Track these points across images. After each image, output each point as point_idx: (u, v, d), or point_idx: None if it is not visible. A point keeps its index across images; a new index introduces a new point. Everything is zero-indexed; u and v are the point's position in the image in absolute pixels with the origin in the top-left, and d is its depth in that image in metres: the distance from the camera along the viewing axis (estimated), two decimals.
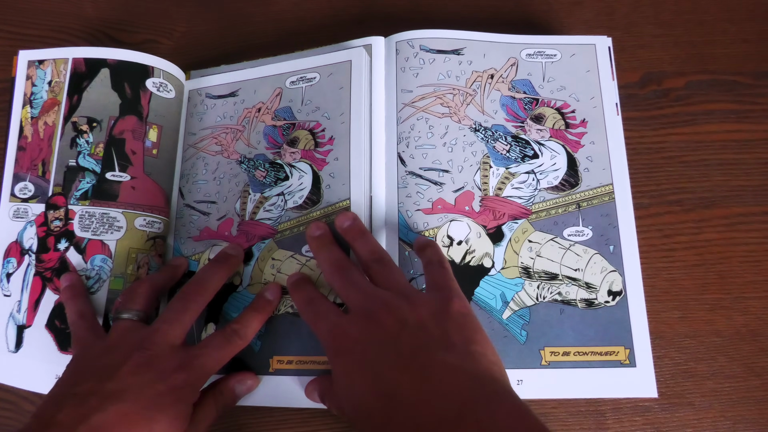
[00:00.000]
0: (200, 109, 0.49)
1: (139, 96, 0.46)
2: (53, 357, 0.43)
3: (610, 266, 0.43)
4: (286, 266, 0.44)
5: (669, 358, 0.46)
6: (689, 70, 0.53)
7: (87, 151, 0.45)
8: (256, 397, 0.42)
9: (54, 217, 0.45)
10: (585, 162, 0.46)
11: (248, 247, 0.45)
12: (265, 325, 0.42)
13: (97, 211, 0.44)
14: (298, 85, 0.47)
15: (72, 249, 0.44)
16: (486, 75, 0.48)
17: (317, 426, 0.45)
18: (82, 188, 0.45)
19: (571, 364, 0.42)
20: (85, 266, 0.44)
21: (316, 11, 0.56)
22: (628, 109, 0.51)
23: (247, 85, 0.49)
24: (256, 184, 0.46)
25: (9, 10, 0.56)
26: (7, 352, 0.44)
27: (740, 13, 0.54)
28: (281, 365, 0.42)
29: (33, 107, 0.47)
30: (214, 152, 0.48)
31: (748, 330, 0.46)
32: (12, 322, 0.44)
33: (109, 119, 0.46)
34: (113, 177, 0.45)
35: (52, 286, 0.44)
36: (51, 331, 0.43)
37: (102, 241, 0.44)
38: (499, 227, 0.45)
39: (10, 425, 0.45)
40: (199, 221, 0.47)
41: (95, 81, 0.46)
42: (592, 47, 0.48)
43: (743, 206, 0.49)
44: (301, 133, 0.46)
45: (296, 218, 0.44)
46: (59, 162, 0.45)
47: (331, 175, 0.44)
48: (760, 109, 0.51)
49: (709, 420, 0.44)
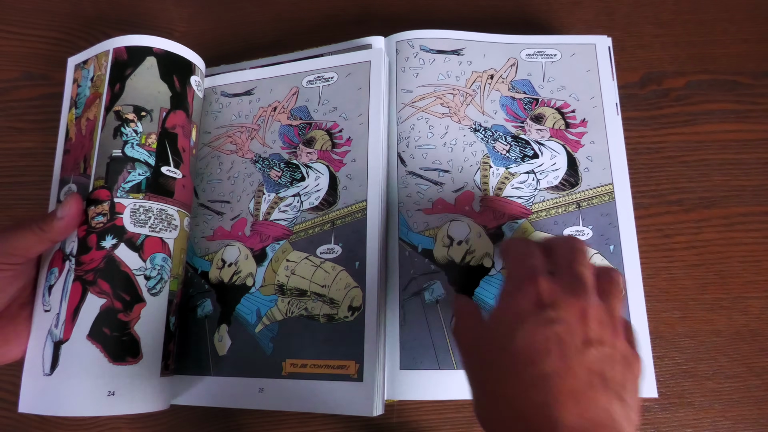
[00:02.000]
0: (215, 107, 0.49)
1: (186, 91, 0.44)
2: (101, 371, 0.37)
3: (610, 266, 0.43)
4: (301, 268, 0.43)
5: (669, 358, 0.46)
6: (689, 70, 0.53)
7: (136, 141, 0.41)
8: (269, 401, 0.40)
9: (96, 212, 0.40)
10: (585, 162, 0.46)
11: (262, 248, 0.44)
12: (278, 328, 0.42)
13: (154, 206, 0.41)
14: (315, 84, 0.47)
15: (123, 246, 0.39)
16: (486, 75, 0.48)
17: (317, 426, 0.45)
18: (132, 180, 0.41)
19: None
20: (143, 265, 0.40)
21: (315, 11, 0.56)
22: (628, 109, 0.51)
23: (263, 84, 0.48)
24: (271, 184, 0.46)
25: (9, 10, 0.56)
26: (41, 377, 0.38)
27: (740, 13, 0.54)
28: (294, 368, 0.41)
29: (77, 107, 0.45)
30: (228, 151, 0.48)
31: (748, 330, 0.46)
32: (50, 340, 0.38)
33: (160, 110, 0.42)
34: (169, 172, 0.42)
35: (96, 290, 0.38)
36: (96, 342, 0.38)
37: (162, 239, 0.41)
38: (499, 227, 0.45)
39: (10, 425, 0.45)
40: (212, 221, 0.46)
41: (141, 69, 0.43)
42: (592, 47, 0.48)
43: (743, 206, 0.49)
44: (318, 133, 0.46)
45: (312, 219, 0.44)
46: (101, 154, 0.41)
47: (348, 176, 0.44)
48: (760, 109, 0.51)
49: (709, 420, 0.44)
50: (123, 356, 0.38)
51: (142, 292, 0.40)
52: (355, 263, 0.42)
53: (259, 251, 0.44)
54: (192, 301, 0.45)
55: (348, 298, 0.41)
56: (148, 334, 0.39)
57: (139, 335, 0.39)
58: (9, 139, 0.52)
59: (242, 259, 0.44)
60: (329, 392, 0.39)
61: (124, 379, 0.38)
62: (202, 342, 0.43)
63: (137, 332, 0.39)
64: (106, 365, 0.37)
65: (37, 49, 0.54)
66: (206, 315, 0.44)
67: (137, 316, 0.39)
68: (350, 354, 0.39)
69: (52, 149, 0.52)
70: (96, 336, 0.38)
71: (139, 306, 0.39)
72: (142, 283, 0.40)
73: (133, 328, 0.39)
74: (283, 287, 0.43)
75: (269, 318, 0.42)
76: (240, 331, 0.43)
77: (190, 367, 0.43)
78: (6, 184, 0.51)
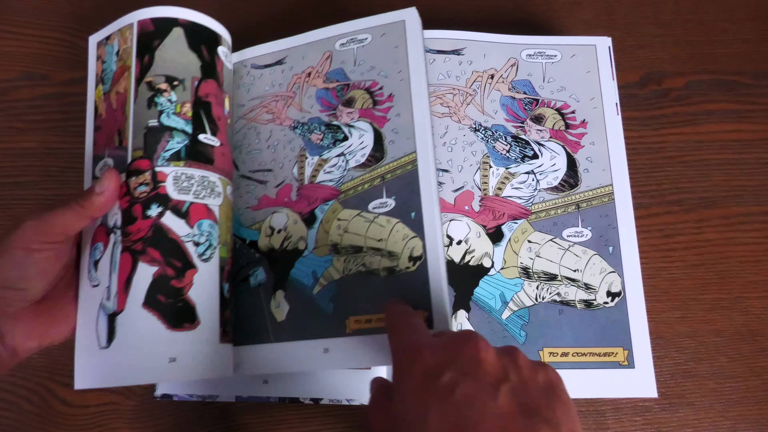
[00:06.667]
0: (247, 80, 0.49)
1: (215, 61, 0.44)
2: (160, 338, 0.38)
3: (609, 267, 0.43)
4: (354, 225, 0.43)
5: (669, 358, 0.46)
6: (689, 70, 0.53)
7: (171, 110, 0.41)
8: (335, 360, 0.40)
9: (138, 182, 0.40)
10: (585, 163, 0.46)
11: (311, 211, 0.44)
12: (336, 287, 0.42)
13: (195, 173, 0.41)
14: (349, 46, 0.47)
15: (169, 213, 0.39)
16: (486, 75, 0.48)
17: (317, 426, 0.45)
18: (171, 149, 0.41)
19: (569, 364, 0.42)
20: (191, 231, 0.40)
21: (314, 11, 0.56)
22: (628, 109, 0.51)
23: (293, 52, 0.48)
24: (312, 148, 0.46)
25: (9, 10, 0.56)
26: (98, 350, 0.38)
27: (740, 13, 0.54)
28: (359, 325, 0.41)
29: (104, 83, 0.44)
30: (265, 121, 0.48)
31: (748, 330, 0.46)
32: (102, 313, 0.39)
33: (192, 80, 0.43)
34: (206, 140, 0.42)
35: (146, 258, 0.39)
36: (153, 310, 0.38)
37: (207, 206, 0.41)
38: (498, 227, 0.45)
39: (10, 425, 0.46)
40: (256, 190, 0.46)
41: (168, 39, 0.43)
42: (592, 48, 0.48)
43: (743, 206, 0.49)
44: (358, 93, 0.46)
45: (360, 176, 0.44)
46: (136, 125, 0.41)
47: (393, 131, 0.44)
48: (760, 109, 0.51)
49: (709, 420, 0.44)
50: (180, 323, 0.38)
51: (192, 258, 0.40)
52: (410, 214, 0.42)
53: (307, 214, 0.44)
54: (243, 271, 0.45)
55: (407, 249, 0.41)
56: (203, 300, 0.40)
57: (195, 301, 0.39)
58: (9, 139, 0.52)
59: (291, 224, 0.45)
60: None
61: (184, 345, 0.38)
62: (259, 310, 0.43)
63: (192, 298, 0.39)
64: (164, 332, 0.38)
65: (37, 49, 0.54)
66: (259, 284, 0.44)
67: (190, 282, 0.39)
68: (417, 304, 0.39)
69: (52, 149, 0.52)
70: (151, 304, 0.38)
71: (191, 272, 0.39)
72: (191, 249, 0.40)
73: (187, 295, 0.39)
74: (337, 246, 0.43)
75: (326, 278, 0.42)
76: (297, 295, 0.43)
77: (249, 337, 0.43)
78: (6, 184, 0.51)
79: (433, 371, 0.30)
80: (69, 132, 0.52)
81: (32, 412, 0.46)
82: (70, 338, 0.40)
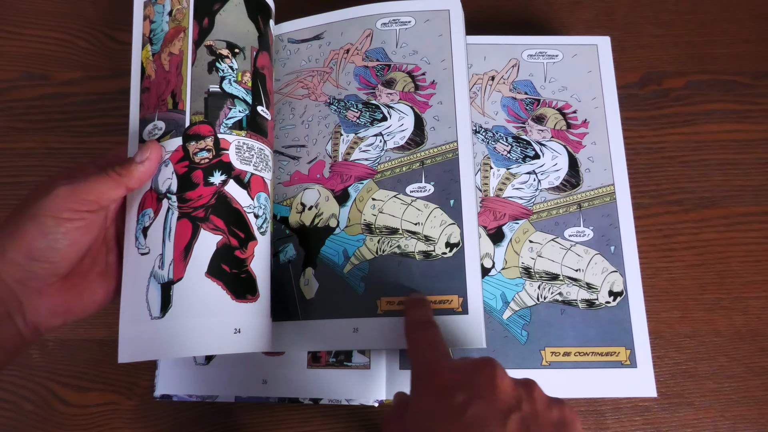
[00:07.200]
0: (283, 54, 0.49)
1: (268, 34, 0.44)
2: (225, 308, 0.36)
3: (611, 267, 0.43)
4: (389, 206, 0.43)
5: (669, 358, 0.46)
6: (689, 70, 0.53)
7: (233, 78, 0.40)
8: (365, 340, 0.40)
9: (198, 148, 0.38)
10: (586, 162, 0.46)
11: (344, 189, 0.44)
12: (369, 267, 0.42)
13: (255, 145, 0.40)
14: (391, 27, 0.46)
15: (232, 182, 0.38)
16: (486, 77, 0.48)
17: (317, 426, 0.45)
18: (233, 117, 0.39)
19: (571, 364, 0.42)
20: (252, 203, 0.39)
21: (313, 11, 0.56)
22: (628, 109, 0.51)
23: (332, 28, 0.48)
24: (348, 125, 0.45)
25: (9, 10, 0.55)
26: (148, 321, 0.36)
27: (740, 13, 0.54)
28: (391, 306, 0.41)
29: (153, 44, 0.42)
30: (300, 96, 0.47)
31: (748, 330, 0.46)
32: (154, 282, 0.37)
33: (251, 49, 0.41)
34: (263, 113, 0.41)
35: (209, 226, 0.37)
36: (217, 279, 0.36)
37: (263, 178, 0.40)
38: (499, 227, 0.45)
39: (10, 425, 0.45)
40: (288, 166, 0.46)
41: (229, 5, 0.41)
42: (594, 48, 0.48)
43: (743, 206, 0.49)
44: (399, 75, 0.46)
45: (398, 159, 0.44)
46: (195, 88, 0.39)
47: (435, 117, 0.44)
48: (760, 109, 0.51)
49: (709, 420, 0.45)
50: (244, 294, 0.37)
51: (253, 229, 0.39)
52: (449, 201, 0.42)
53: (340, 192, 0.44)
54: (273, 247, 0.43)
55: (444, 235, 0.41)
56: (261, 273, 0.39)
57: (255, 273, 0.38)
58: (9, 139, 0.52)
59: (323, 201, 0.44)
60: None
61: (247, 317, 0.37)
62: (288, 287, 0.43)
63: (253, 270, 0.38)
64: (229, 302, 0.36)
65: (37, 49, 0.54)
66: (289, 260, 0.44)
67: (252, 254, 0.38)
68: (452, 288, 0.40)
69: (52, 149, 0.52)
70: (215, 273, 0.36)
71: (252, 244, 0.39)
72: (252, 221, 0.39)
73: (249, 266, 0.38)
74: (371, 226, 0.43)
75: (358, 257, 0.42)
76: (327, 273, 0.42)
77: (276, 314, 0.42)
78: (6, 184, 0.51)
79: (448, 391, 0.30)
80: (69, 132, 0.52)
81: (32, 412, 0.46)
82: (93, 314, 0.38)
